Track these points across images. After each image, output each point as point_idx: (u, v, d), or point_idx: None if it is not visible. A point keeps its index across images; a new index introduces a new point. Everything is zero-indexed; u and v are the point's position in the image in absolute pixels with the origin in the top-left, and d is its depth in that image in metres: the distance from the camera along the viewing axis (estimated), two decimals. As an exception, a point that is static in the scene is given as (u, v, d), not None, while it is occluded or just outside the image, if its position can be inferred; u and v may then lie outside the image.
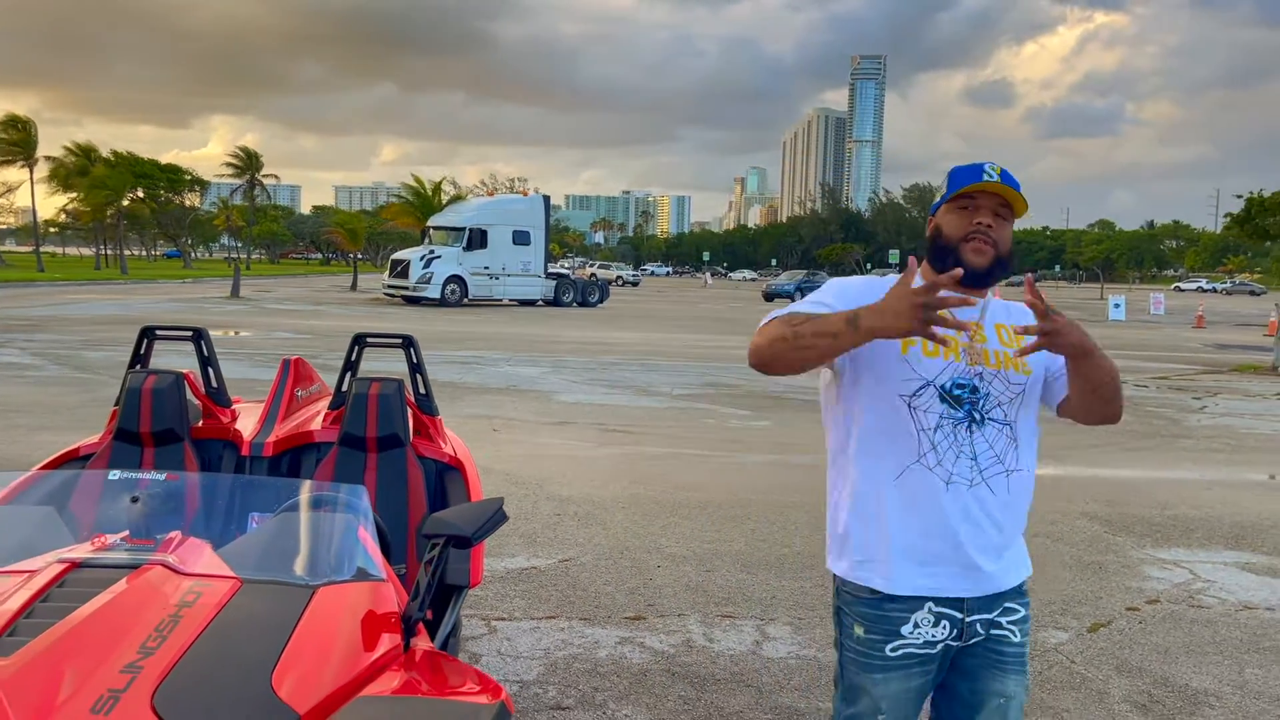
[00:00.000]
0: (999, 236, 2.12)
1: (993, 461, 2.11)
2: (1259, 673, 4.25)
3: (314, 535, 2.59)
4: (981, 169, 2.15)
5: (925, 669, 2.14)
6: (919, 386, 2.10)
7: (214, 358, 3.73)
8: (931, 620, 2.11)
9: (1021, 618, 2.18)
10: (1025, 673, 2.19)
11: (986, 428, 2.10)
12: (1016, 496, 2.16)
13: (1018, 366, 2.14)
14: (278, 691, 1.95)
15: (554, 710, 3.65)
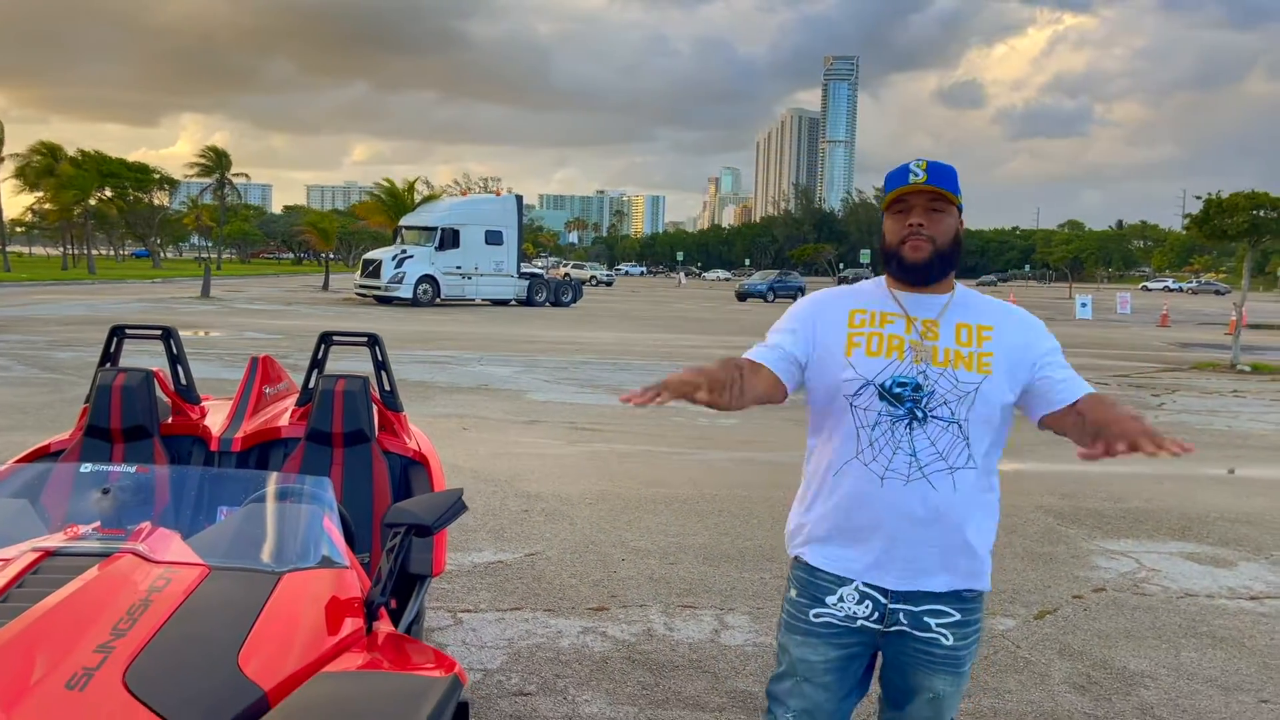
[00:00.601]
0: (935, 231, 2.20)
1: (934, 458, 2.16)
2: (1194, 655, 4.44)
3: (280, 525, 2.70)
4: (908, 171, 2.23)
5: (843, 643, 2.25)
6: (860, 386, 2.19)
7: (183, 356, 3.82)
8: (856, 597, 2.23)
9: (956, 622, 2.22)
10: (960, 673, 2.26)
11: (929, 425, 2.16)
12: (966, 495, 2.18)
13: (970, 365, 2.18)
14: (244, 670, 2.06)
15: (516, 696, 3.78)
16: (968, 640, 2.26)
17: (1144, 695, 3.99)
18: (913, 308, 2.25)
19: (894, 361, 2.19)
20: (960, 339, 2.21)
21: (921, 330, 2.21)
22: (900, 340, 2.20)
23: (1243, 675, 4.22)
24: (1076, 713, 3.81)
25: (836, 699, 2.31)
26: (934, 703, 2.29)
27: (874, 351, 2.21)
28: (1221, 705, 3.91)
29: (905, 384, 2.18)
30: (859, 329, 2.24)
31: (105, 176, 67.69)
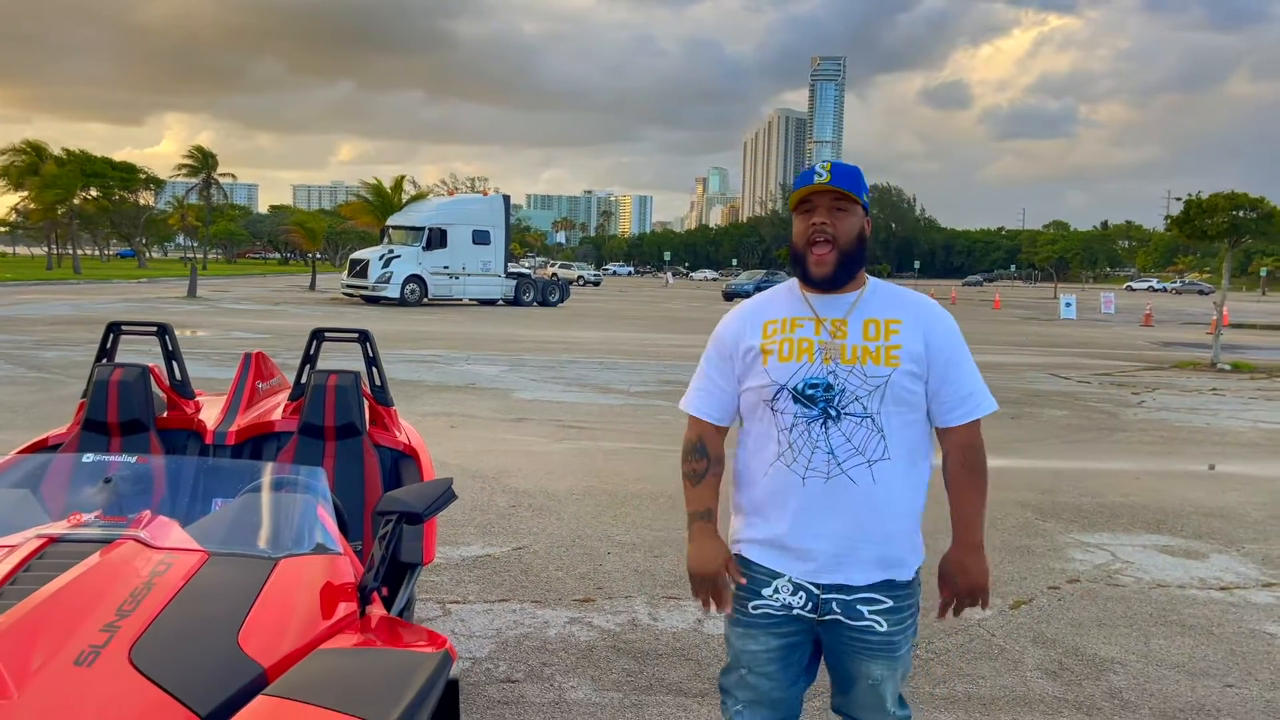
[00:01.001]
0: (838, 230, 2.29)
1: (851, 454, 2.26)
2: (1164, 643, 4.56)
3: (276, 513, 2.79)
4: (814, 172, 2.33)
5: (781, 632, 2.36)
6: (775, 391, 2.31)
7: (178, 352, 3.91)
8: (790, 589, 2.34)
9: (889, 609, 2.31)
10: (896, 658, 2.34)
11: (843, 422, 2.26)
12: (885, 486, 2.27)
13: (879, 359, 2.27)
14: (244, 648, 2.16)
15: (504, 683, 3.88)
16: (903, 625, 2.36)
17: (1113, 680, 4.11)
18: (822, 309, 2.34)
19: (804, 364, 2.29)
20: (868, 334, 2.29)
21: (831, 330, 2.30)
22: (810, 343, 2.30)
23: (1210, 662, 4.35)
24: (1048, 697, 3.93)
25: (783, 687, 2.41)
26: (873, 688, 2.37)
27: (785, 357, 2.30)
28: (1188, 690, 4.04)
29: (816, 385, 2.28)
30: (772, 338, 2.34)
31: (90, 176, 67.38)
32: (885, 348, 2.28)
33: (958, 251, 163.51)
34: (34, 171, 61.28)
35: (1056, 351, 21.99)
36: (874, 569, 2.31)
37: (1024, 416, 11.77)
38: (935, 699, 3.88)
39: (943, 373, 2.33)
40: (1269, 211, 17.64)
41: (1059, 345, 24.13)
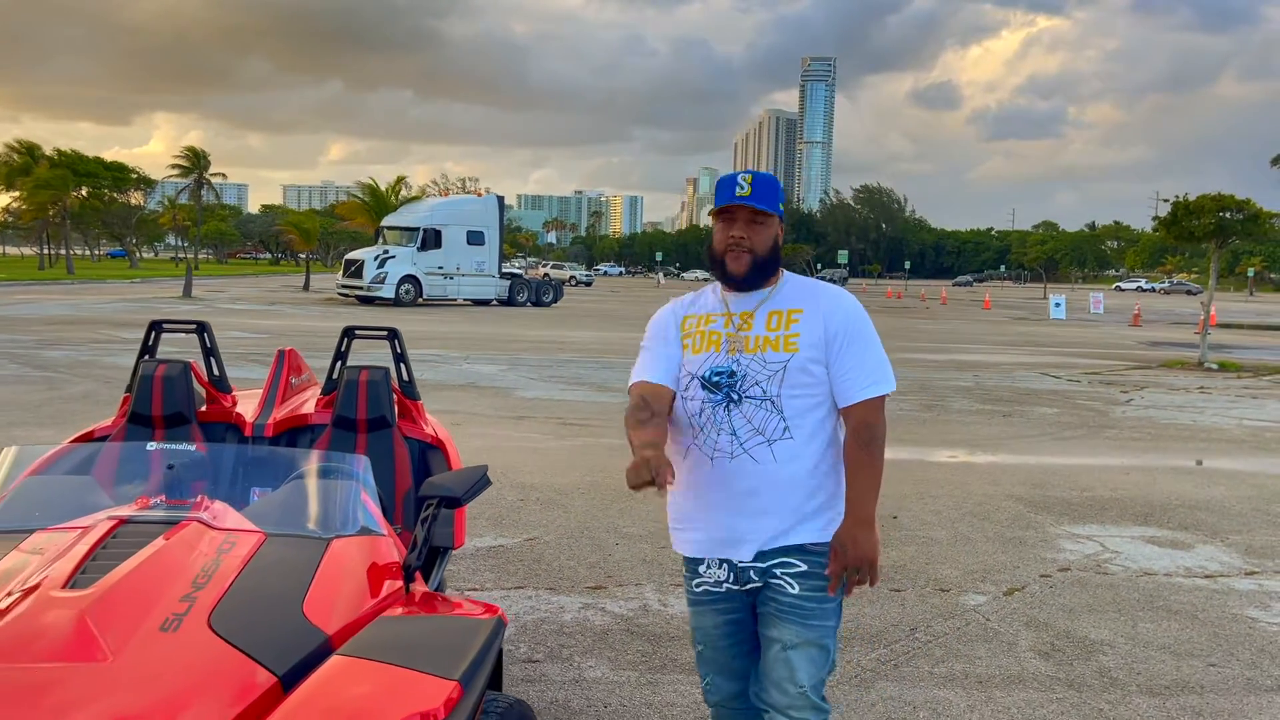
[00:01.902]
0: (755, 242, 2.50)
1: (752, 434, 2.45)
2: (1150, 626, 4.79)
3: (323, 498, 2.98)
4: (735, 182, 2.50)
5: (722, 608, 2.56)
6: (688, 381, 2.53)
7: (215, 348, 4.09)
8: (716, 564, 2.54)
9: (802, 573, 2.45)
10: (809, 625, 2.43)
11: (744, 405, 2.45)
12: (785, 463, 2.44)
13: (778, 346, 2.46)
14: (309, 617, 2.36)
15: (525, 663, 4.08)
16: (817, 592, 2.45)
17: (1103, 660, 4.33)
18: (734, 305, 2.56)
19: (712, 354, 2.51)
20: (770, 325, 2.50)
21: (738, 324, 2.52)
22: (718, 335, 2.52)
23: (1194, 643, 4.58)
24: (1041, 676, 4.15)
25: (740, 656, 2.59)
26: (784, 658, 2.43)
27: (697, 349, 2.53)
28: (1173, 669, 4.26)
29: (721, 372, 2.48)
30: (689, 333, 2.58)
31: (82, 176, 67.30)
32: (784, 336, 2.47)
33: (948, 252, 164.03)
34: (26, 172, 61.17)
35: (1046, 351, 22.28)
36: (779, 538, 2.46)
37: (1016, 414, 12.00)
38: (935, 677, 4.10)
39: (841, 355, 2.47)
40: (1254, 213, 17.92)
41: (1049, 345, 24.42)
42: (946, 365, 18.16)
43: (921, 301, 56.59)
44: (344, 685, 2.00)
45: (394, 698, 1.93)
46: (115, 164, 74.98)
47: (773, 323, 2.51)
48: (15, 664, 1.99)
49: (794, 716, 2.43)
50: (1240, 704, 3.92)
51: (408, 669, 2.02)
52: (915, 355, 20.19)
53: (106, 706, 1.92)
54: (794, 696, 2.42)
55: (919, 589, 5.24)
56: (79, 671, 1.99)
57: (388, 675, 2.01)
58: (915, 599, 5.09)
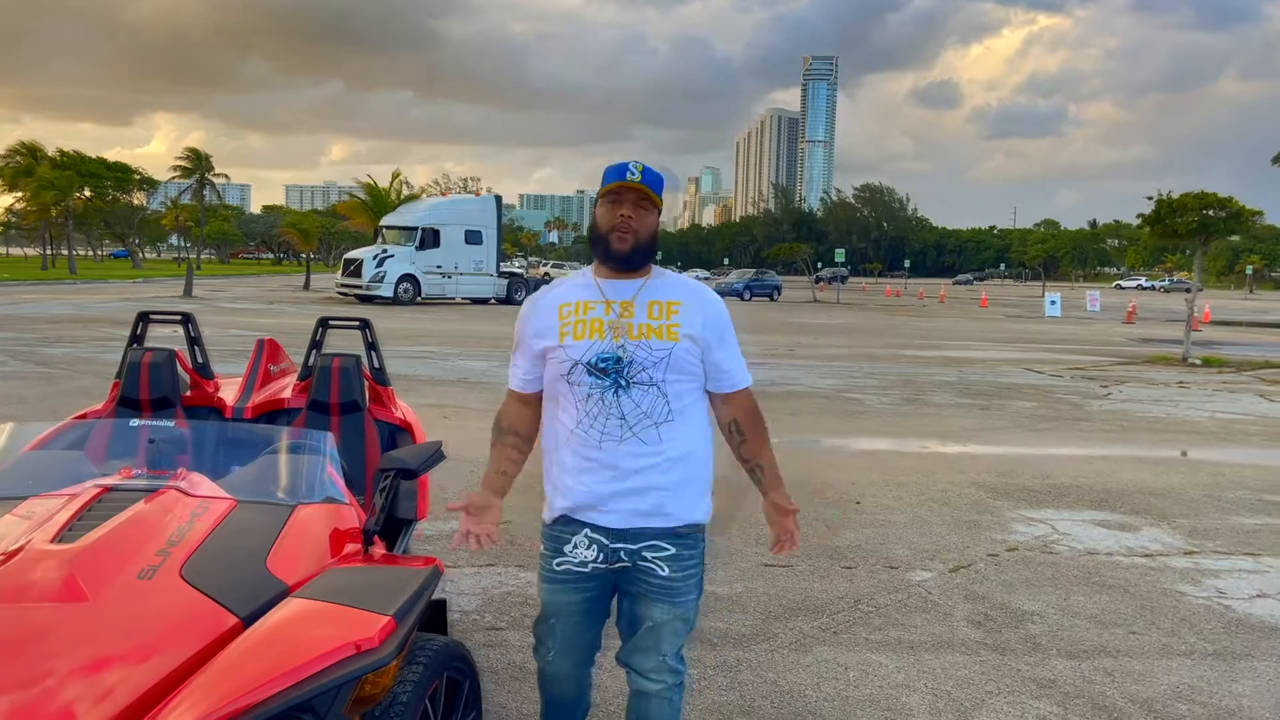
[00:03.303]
0: (639, 225, 2.62)
1: (640, 417, 2.59)
2: (1082, 599, 5.08)
3: (292, 470, 3.29)
4: (626, 168, 2.63)
5: (583, 586, 2.70)
6: (571, 366, 2.62)
7: (199, 338, 4.40)
8: (586, 543, 2.67)
9: (671, 556, 2.63)
10: (676, 603, 2.65)
11: (633, 390, 2.58)
12: (671, 444, 2.60)
13: (662, 335, 2.60)
14: (272, 570, 2.66)
15: (490, 630, 4.38)
16: (685, 573, 2.67)
17: (1030, 629, 4.63)
18: (611, 293, 2.67)
19: (596, 341, 2.61)
20: (653, 314, 2.62)
21: (619, 311, 2.63)
22: (601, 322, 2.63)
23: (1120, 614, 4.87)
24: (969, 641, 4.44)
25: (588, 632, 2.80)
26: (653, 631, 2.68)
27: (580, 335, 2.63)
28: (1095, 635, 4.56)
29: (608, 358, 2.59)
30: (566, 320, 2.67)
31: (85, 177, 67.71)
32: (667, 325, 2.62)
33: (949, 251, 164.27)
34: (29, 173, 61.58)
35: (1036, 347, 22.55)
36: (658, 519, 2.63)
37: (993, 408, 12.29)
38: (870, 643, 4.39)
39: (717, 349, 2.68)
40: (1237, 210, 18.19)
41: (1039, 342, 24.69)
42: (934, 361, 18.44)
43: (919, 300, 56.85)
44: (294, 621, 2.29)
45: (337, 630, 2.23)
46: (118, 164, 75.39)
47: (654, 312, 2.63)
48: (9, 604, 2.29)
49: (655, 678, 2.72)
50: (1151, 666, 4.22)
51: (350, 607, 2.32)
52: (905, 352, 20.48)
53: (87, 639, 2.22)
54: (657, 663, 2.71)
55: (870, 566, 5.54)
56: (64, 611, 2.29)
57: (332, 612, 2.31)
58: (865, 575, 5.38)
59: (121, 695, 2.12)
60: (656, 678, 2.72)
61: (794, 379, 14.72)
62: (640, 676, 2.74)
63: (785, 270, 79.04)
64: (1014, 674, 4.10)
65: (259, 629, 2.30)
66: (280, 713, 2.07)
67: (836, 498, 7.19)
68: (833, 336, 24.81)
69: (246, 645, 2.23)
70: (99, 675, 2.12)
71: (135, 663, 2.23)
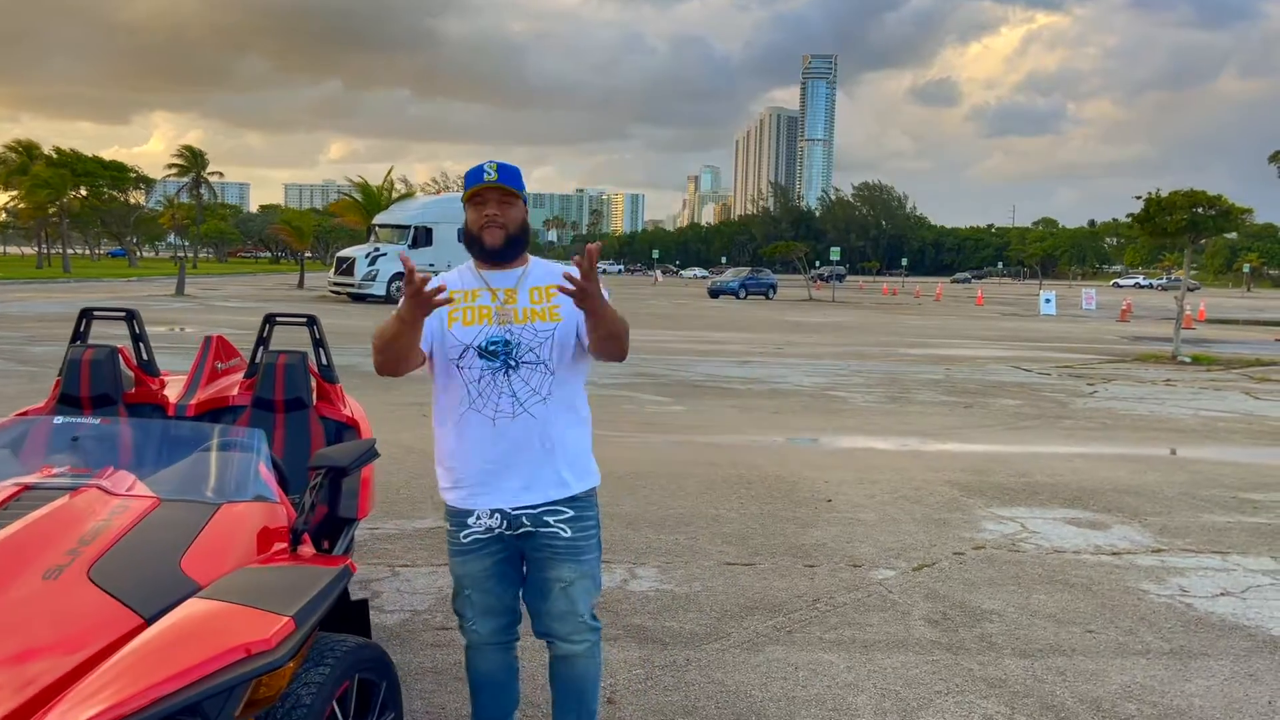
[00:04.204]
0: (506, 219, 2.83)
1: (530, 394, 2.80)
2: (1043, 598, 5.04)
3: (221, 468, 3.24)
4: (483, 170, 2.82)
5: (492, 550, 2.87)
6: (461, 350, 2.81)
7: (144, 335, 4.35)
8: (488, 514, 2.84)
9: (571, 518, 2.85)
10: (581, 561, 2.87)
11: (521, 370, 2.80)
12: (556, 416, 2.82)
13: (544, 317, 2.82)
14: (185, 570, 2.61)
15: (438, 630, 4.34)
16: (585, 533, 2.89)
17: (986, 628, 4.59)
18: (494, 281, 2.88)
19: (484, 327, 2.81)
20: (534, 299, 2.84)
21: (504, 299, 2.84)
22: (487, 309, 2.83)
23: (1079, 612, 4.83)
24: (924, 640, 4.40)
25: (504, 595, 2.94)
26: (566, 592, 2.87)
27: (469, 322, 2.82)
28: (1051, 634, 4.52)
29: (496, 341, 2.80)
30: (456, 307, 2.85)
31: (80, 175, 67.64)
32: (549, 308, 2.84)
33: (948, 249, 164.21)
34: (24, 171, 61.52)
35: (1027, 345, 22.51)
36: (555, 487, 2.83)
37: (977, 406, 12.25)
38: (823, 642, 4.35)
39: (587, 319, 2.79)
40: (1226, 208, 18.14)
41: (1031, 340, 24.66)
42: (923, 359, 18.41)
43: (916, 298, 56.83)
44: (189, 622, 2.25)
45: (231, 631, 2.19)
46: (114, 163, 75.34)
47: (535, 297, 2.85)
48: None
49: (576, 639, 2.92)
50: (1105, 665, 4.17)
51: (250, 607, 2.27)
52: (895, 350, 20.45)
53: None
54: (575, 624, 2.90)
55: (832, 565, 5.50)
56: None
57: (230, 613, 2.27)
58: (826, 574, 5.34)
59: (8, 697, 2.08)
60: (579, 638, 2.92)
61: (780, 377, 14.67)
62: (563, 642, 2.92)
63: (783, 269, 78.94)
64: (965, 673, 4.06)
65: (156, 628, 2.26)
66: (168, 715, 2.03)
67: (808, 496, 7.15)
68: (824, 335, 24.77)
69: (138, 647, 2.19)
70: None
71: (29, 663, 2.19)
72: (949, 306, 46.10)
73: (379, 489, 6.76)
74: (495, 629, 2.97)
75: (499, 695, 3.07)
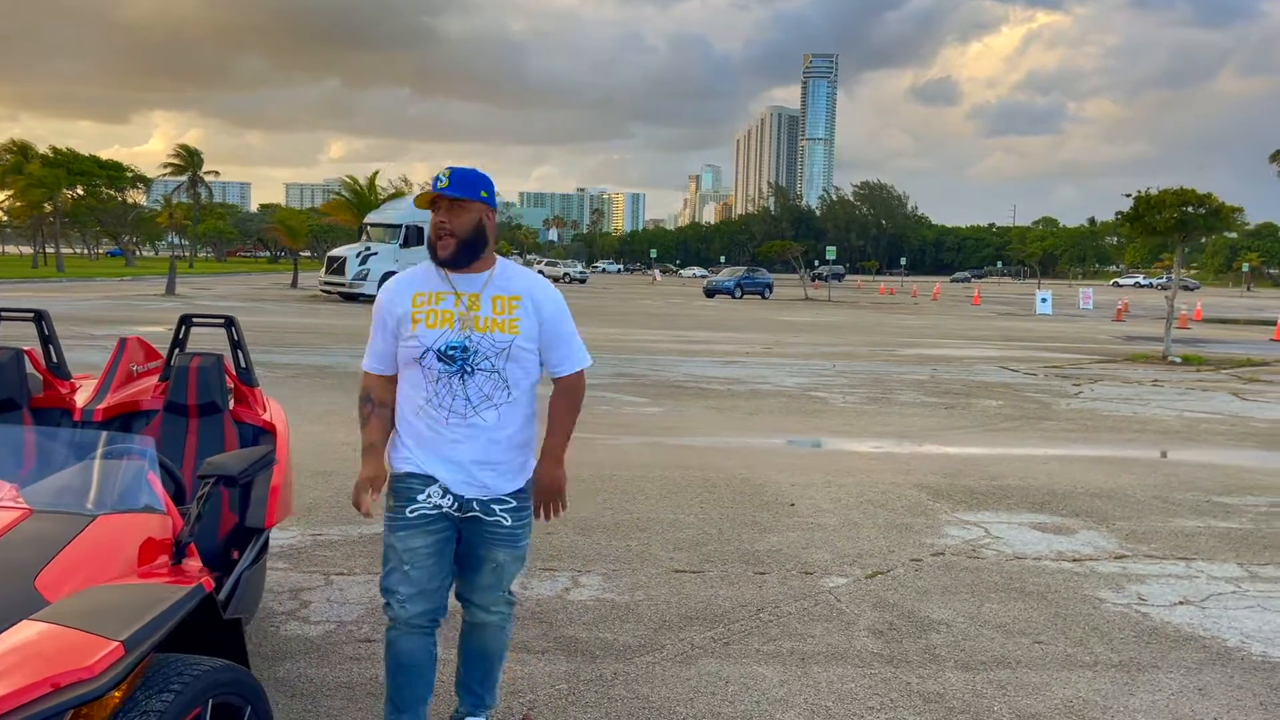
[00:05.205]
0: (455, 226, 2.94)
1: (482, 400, 2.97)
2: (996, 607, 4.89)
3: (105, 477, 3.09)
4: (438, 179, 2.95)
5: (436, 528, 3.01)
6: (423, 351, 2.96)
7: (54, 337, 4.20)
8: (440, 493, 3.01)
9: (513, 509, 3.07)
10: (517, 546, 3.11)
11: (477, 376, 2.95)
12: (507, 421, 3.00)
13: (504, 328, 2.96)
14: (39, 588, 2.46)
15: (361, 643, 4.19)
16: (522, 522, 3.11)
17: (932, 639, 4.43)
18: (460, 285, 3.00)
19: (446, 330, 2.94)
20: (496, 309, 2.97)
21: (468, 304, 2.97)
22: (450, 313, 2.96)
23: (1030, 622, 4.68)
24: (865, 653, 4.25)
25: (437, 578, 3.05)
26: (496, 570, 3.11)
27: (431, 324, 2.96)
28: (999, 646, 4.36)
29: (456, 347, 2.94)
30: (420, 308, 2.99)
31: (76, 175, 67.49)
32: (508, 320, 2.98)
33: (948, 248, 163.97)
34: (18, 170, 61.39)
35: (1018, 345, 22.36)
36: (499, 483, 3.03)
37: (958, 407, 12.10)
38: (761, 654, 4.20)
39: (552, 338, 3.06)
40: (1216, 207, 17.97)
41: (1024, 339, 24.51)
42: (911, 359, 18.26)
43: (913, 298, 56.67)
44: (12, 646, 2.10)
45: (53, 656, 2.04)
46: (111, 162, 75.14)
47: (497, 306, 2.98)
48: None
49: (492, 610, 3.16)
50: (1049, 678, 4.02)
51: (79, 631, 2.12)
52: (884, 350, 20.29)
53: None
54: (496, 598, 3.15)
55: (784, 572, 5.35)
56: None
57: (57, 637, 2.11)
58: (776, 581, 5.19)
59: None
60: (495, 610, 3.17)
61: (763, 378, 14.52)
62: (481, 610, 3.15)
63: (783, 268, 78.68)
64: (902, 687, 3.91)
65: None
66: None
67: (772, 499, 7.00)
68: (815, 334, 24.62)
69: None
70: None
71: None
72: (944, 306, 45.94)
73: (333, 493, 6.64)
74: (423, 611, 3.05)
75: (416, 679, 3.13)
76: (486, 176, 3.02)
